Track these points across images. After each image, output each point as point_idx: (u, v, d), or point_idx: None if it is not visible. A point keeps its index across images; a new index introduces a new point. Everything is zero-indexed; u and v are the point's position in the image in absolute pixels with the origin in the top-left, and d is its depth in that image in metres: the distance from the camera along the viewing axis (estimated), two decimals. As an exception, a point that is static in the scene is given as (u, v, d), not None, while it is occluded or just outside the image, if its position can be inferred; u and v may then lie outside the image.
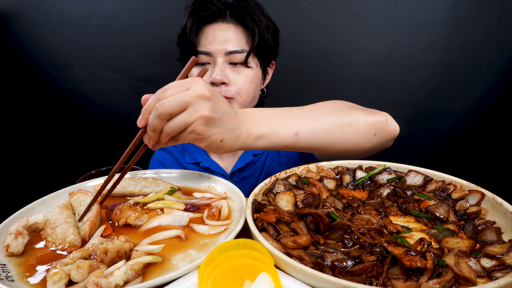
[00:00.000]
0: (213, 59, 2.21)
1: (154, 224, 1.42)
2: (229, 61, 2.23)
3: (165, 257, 1.20)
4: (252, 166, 2.50)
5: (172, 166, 2.63)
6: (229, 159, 2.63)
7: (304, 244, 1.14)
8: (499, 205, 1.33)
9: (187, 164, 2.59)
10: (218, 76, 2.15)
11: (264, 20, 2.27)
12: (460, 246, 1.15)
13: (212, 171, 2.51)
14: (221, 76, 2.15)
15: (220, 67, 2.18)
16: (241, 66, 2.27)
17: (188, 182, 1.84)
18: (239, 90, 2.25)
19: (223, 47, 2.19)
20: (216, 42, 2.19)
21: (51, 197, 1.60)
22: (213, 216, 1.46)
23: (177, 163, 2.64)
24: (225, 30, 2.22)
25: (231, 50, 2.20)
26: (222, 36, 2.20)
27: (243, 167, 2.53)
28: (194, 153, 2.62)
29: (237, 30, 2.25)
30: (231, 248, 1.11)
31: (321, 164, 1.80)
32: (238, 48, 2.22)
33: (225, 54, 2.20)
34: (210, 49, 2.19)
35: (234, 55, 2.21)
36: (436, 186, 1.57)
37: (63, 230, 1.33)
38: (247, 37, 2.27)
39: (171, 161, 2.67)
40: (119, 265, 1.07)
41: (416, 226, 1.36)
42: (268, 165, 2.50)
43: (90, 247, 1.19)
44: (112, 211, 1.49)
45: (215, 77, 2.15)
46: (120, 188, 1.69)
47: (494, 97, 3.42)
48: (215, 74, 2.15)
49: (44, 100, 3.29)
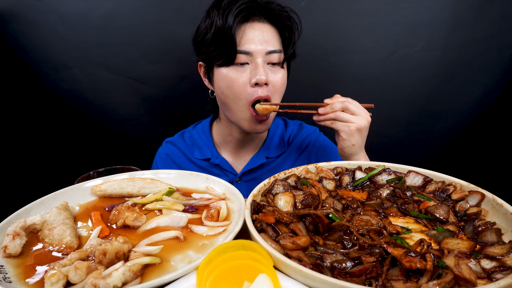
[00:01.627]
0: (251, 58, 2.21)
1: (153, 225, 1.42)
2: (268, 61, 2.25)
3: (163, 258, 1.20)
4: (264, 168, 2.50)
5: (180, 160, 2.65)
6: (240, 159, 2.67)
7: (303, 245, 1.15)
8: (499, 206, 1.33)
9: (196, 159, 2.61)
10: (263, 77, 2.17)
11: (298, 20, 2.35)
12: (460, 247, 1.15)
13: (222, 168, 2.55)
14: (265, 77, 2.18)
15: (262, 67, 2.20)
16: (277, 66, 2.30)
17: (187, 182, 1.83)
18: (276, 90, 2.30)
19: (263, 47, 2.20)
20: (257, 41, 2.19)
21: (49, 198, 1.59)
22: (211, 217, 1.46)
23: (185, 158, 2.66)
24: (263, 29, 2.24)
25: (270, 50, 2.22)
26: (262, 35, 2.21)
27: (255, 169, 2.56)
28: (204, 149, 2.64)
29: (273, 30, 2.28)
30: (230, 249, 1.11)
31: (320, 164, 1.80)
32: (277, 48, 2.26)
33: (265, 54, 2.21)
34: (251, 49, 2.19)
35: (272, 55, 2.24)
36: (436, 187, 1.57)
37: (60, 231, 1.33)
38: (280, 37, 2.32)
39: (179, 155, 2.68)
40: (117, 266, 1.07)
41: (415, 227, 1.36)
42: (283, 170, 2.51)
43: (88, 248, 1.19)
44: (110, 212, 1.49)
45: (260, 77, 2.17)
46: (118, 189, 1.69)
47: (494, 98, 3.42)
48: (260, 75, 2.17)
49: (42, 101, 3.28)
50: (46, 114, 3.34)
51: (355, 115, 2.06)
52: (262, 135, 2.73)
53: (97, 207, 1.61)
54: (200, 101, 3.24)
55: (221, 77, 2.27)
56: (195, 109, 3.39)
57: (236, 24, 2.14)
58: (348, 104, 2.05)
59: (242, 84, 2.22)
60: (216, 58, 2.24)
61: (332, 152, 2.68)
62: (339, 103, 2.07)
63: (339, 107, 2.07)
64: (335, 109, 2.07)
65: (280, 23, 2.29)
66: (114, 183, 1.72)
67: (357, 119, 2.05)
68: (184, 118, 3.10)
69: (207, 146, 2.67)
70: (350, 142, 2.09)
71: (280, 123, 2.82)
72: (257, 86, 2.20)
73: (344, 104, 2.06)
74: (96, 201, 1.68)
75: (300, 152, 2.71)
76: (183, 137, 2.82)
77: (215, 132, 2.76)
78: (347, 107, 2.05)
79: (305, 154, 2.70)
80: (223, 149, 2.72)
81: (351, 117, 2.05)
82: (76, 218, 1.52)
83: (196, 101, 3.40)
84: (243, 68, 2.22)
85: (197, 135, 2.76)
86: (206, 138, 2.72)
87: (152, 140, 2.90)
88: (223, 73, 2.25)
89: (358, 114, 2.06)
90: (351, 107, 2.05)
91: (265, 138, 2.75)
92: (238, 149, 2.68)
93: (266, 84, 2.22)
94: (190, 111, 3.41)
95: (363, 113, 2.09)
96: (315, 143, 2.72)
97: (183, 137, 2.82)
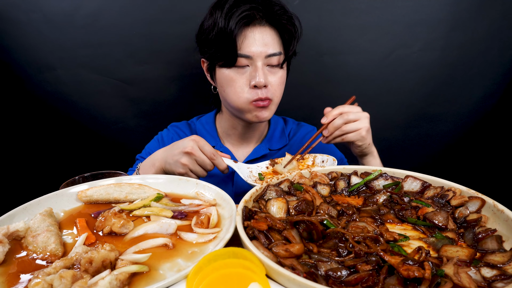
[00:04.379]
0: (251, 61, 2.29)
1: (140, 232, 1.42)
2: (267, 63, 2.33)
3: (151, 266, 1.20)
4: (267, 159, 2.53)
5: None
6: (243, 150, 2.79)
7: (296, 252, 1.15)
8: (500, 212, 1.34)
9: None
10: (262, 80, 2.27)
11: (298, 24, 2.45)
12: (459, 255, 1.16)
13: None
14: (264, 80, 2.27)
15: (262, 70, 2.31)
16: (276, 68, 2.38)
17: (176, 188, 1.84)
18: (275, 91, 2.40)
19: (263, 50, 2.28)
20: (257, 45, 2.27)
21: (33, 204, 1.58)
22: (201, 224, 1.46)
23: None
24: (264, 32, 2.31)
25: (270, 53, 2.30)
26: (262, 39, 2.28)
27: (257, 159, 2.65)
28: (209, 139, 2.72)
29: (273, 33, 2.35)
30: (220, 257, 1.11)
31: (314, 169, 1.81)
32: (276, 51, 2.33)
33: (265, 57, 2.29)
34: (251, 53, 2.26)
35: (272, 58, 2.32)
36: (434, 193, 1.58)
37: (44, 238, 1.32)
38: (280, 39, 2.39)
39: None
40: (103, 275, 1.07)
41: (413, 234, 1.36)
42: None
43: (74, 256, 1.19)
44: (96, 219, 1.49)
45: (259, 80, 2.26)
46: (105, 194, 1.69)
47: (495, 100, 3.43)
48: (259, 78, 2.28)
49: (25, 103, 3.26)
50: (30, 116, 3.32)
51: (358, 120, 2.20)
52: (264, 129, 2.87)
53: (83, 213, 1.61)
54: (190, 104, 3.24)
55: (222, 76, 2.38)
56: (185, 112, 3.38)
57: (238, 28, 2.21)
58: (347, 116, 2.18)
59: (242, 85, 2.34)
60: (217, 59, 2.34)
61: (330, 149, 2.83)
62: (339, 119, 2.19)
63: (340, 122, 2.19)
64: (337, 127, 2.20)
65: (280, 25, 2.36)
66: (100, 188, 1.72)
67: (362, 123, 2.21)
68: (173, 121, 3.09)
69: (211, 135, 2.78)
70: (365, 143, 2.29)
71: (279, 120, 2.96)
72: (257, 88, 2.31)
73: (343, 117, 2.19)
74: (82, 207, 1.68)
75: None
76: (189, 125, 2.94)
77: (218, 124, 2.87)
78: (348, 119, 2.19)
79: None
80: (226, 141, 2.83)
81: (357, 124, 2.20)
82: (61, 224, 1.51)
83: (186, 104, 3.40)
84: (244, 70, 2.32)
85: (201, 126, 2.86)
86: (210, 129, 2.83)
87: (139, 144, 2.89)
88: (224, 73, 2.36)
89: (359, 117, 2.20)
90: (351, 117, 2.19)
91: (267, 131, 2.88)
92: (241, 141, 2.81)
93: (265, 86, 2.31)
94: (179, 114, 3.40)
95: (361, 114, 2.22)
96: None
97: (189, 125, 2.94)
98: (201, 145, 2.13)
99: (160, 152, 2.27)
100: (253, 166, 2.30)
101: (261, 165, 2.31)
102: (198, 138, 2.17)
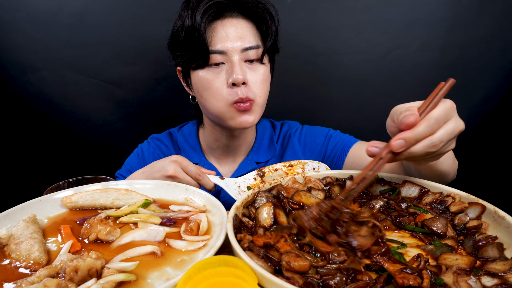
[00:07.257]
0: (227, 57, 2.22)
1: (128, 240, 1.41)
2: (245, 58, 2.25)
3: (139, 275, 1.20)
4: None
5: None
6: (228, 166, 2.70)
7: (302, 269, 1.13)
8: (502, 218, 1.34)
9: None
10: (240, 76, 2.17)
11: (274, 12, 2.34)
12: (459, 263, 1.15)
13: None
14: (243, 76, 2.18)
15: (239, 66, 2.20)
16: (256, 63, 2.30)
17: (164, 193, 1.83)
18: (257, 90, 2.28)
19: (238, 44, 2.21)
20: (231, 39, 2.20)
21: (16, 210, 1.57)
22: (191, 231, 1.45)
23: None
24: (237, 25, 2.25)
25: (247, 47, 2.23)
26: (235, 32, 2.22)
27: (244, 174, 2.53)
28: (192, 154, 2.67)
29: (249, 25, 2.29)
30: (210, 265, 1.11)
31: (308, 174, 1.81)
32: (253, 44, 2.26)
33: (241, 51, 2.22)
34: (225, 47, 2.20)
35: (249, 51, 2.24)
36: (433, 198, 1.58)
37: (28, 246, 1.32)
38: (257, 31, 2.34)
39: (169, 154, 2.68)
40: (89, 284, 1.07)
41: (411, 241, 1.36)
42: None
43: (58, 265, 1.18)
44: (82, 226, 1.49)
45: (236, 77, 2.16)
46: (90, 200, 1.68)
47: (496, 102, 3.44)
48: (236, 74, 2.17)
49: (8, 105, 3.25)
50: (13, 119, 3.31)
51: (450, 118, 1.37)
52: (251, 138, 2.75)
53: (68, 220, 1.60)
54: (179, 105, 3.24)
55: (197, 80, 2.30)
56: (174, 114, 3.38)
57: (204, 22, 2.15)
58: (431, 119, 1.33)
59: (220, 86, 2.23)
60: (189, 61, 2.27)
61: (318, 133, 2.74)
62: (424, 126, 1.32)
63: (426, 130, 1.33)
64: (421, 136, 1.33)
65: (255, 16, 2.31)
66: (86, 194, 1.71)
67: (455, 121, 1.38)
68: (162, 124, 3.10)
69: (194, 150, 2.71)
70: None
71: (267, 125, 2.84)
72: (235, 87, 2.22)
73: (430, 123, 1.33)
74: (67, 213, 1.66)
75: (284, 149, 2.75)
76: (171, 135, 2.87)
77: (201, 138, 2.79)
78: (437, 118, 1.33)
79: (290, 149, 2.73)
80: (211, 155, 2.75)
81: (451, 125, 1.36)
82: (45, 232, 1.50)
83: (174, 106, 3.40)
84: (219, 68, 2.24)
85: (183, 139, 2.78)
86: (193, 142, 2.75)
87: (126, 148, 2.88)
88: (199, 75, 2.27)
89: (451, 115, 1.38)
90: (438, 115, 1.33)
91: (254, 142, 2.77)
92: (226, 155, 2.71)
93: (244, 83, 2.22)
94: (168, 117, 3.40)
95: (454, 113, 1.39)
96: (299, 134, 2.78)
97: (171, 136, 2.86)
98: (184, 165, 2.08)
99: (138, 175, 2.21)
100: (241, 179, 2.22)
101: (248, 177, 2.23)
102: (181, 158, 2.12)
